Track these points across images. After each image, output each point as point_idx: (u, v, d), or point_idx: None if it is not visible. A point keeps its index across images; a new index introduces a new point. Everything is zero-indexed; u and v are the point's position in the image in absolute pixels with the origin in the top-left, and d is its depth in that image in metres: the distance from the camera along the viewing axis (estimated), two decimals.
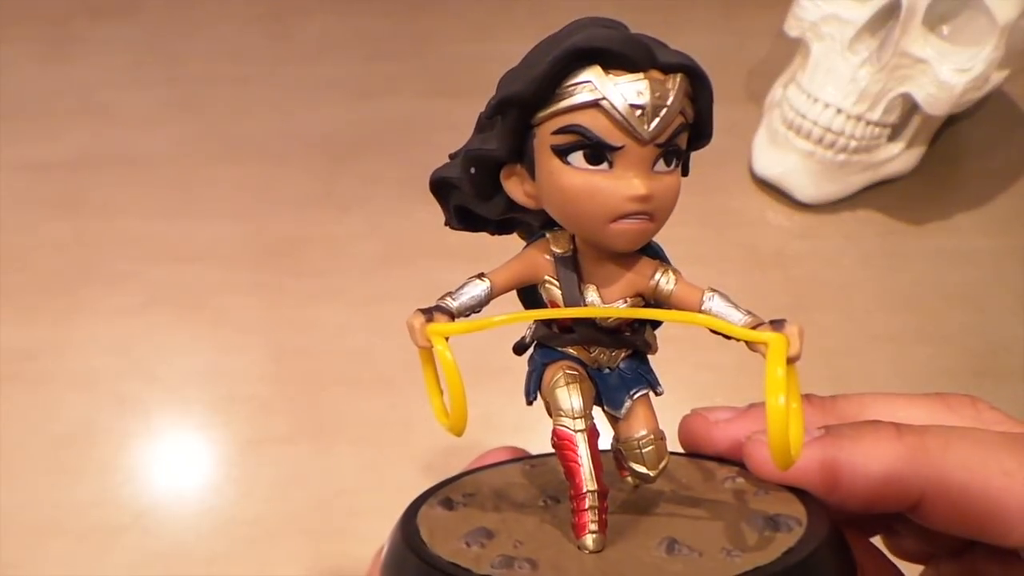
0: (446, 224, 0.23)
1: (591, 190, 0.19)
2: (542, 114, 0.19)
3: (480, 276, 0.21)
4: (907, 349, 0.48)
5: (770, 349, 0.18)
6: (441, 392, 0.21)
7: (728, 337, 0.19)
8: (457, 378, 0.19)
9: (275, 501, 0.43)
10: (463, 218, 0.23)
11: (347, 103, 0.62)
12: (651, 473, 0.21)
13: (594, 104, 0.18)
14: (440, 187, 0.22)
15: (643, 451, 0.21)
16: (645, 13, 0.64)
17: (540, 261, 0.21)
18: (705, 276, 0.21)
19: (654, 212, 0.19)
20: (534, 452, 0.26)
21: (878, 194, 0.54)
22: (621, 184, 0.19)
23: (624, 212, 0.19)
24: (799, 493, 0.21)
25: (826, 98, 0.50)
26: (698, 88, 0.19)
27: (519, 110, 0.19)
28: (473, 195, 0.21)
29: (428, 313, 0.20)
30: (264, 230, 0.54)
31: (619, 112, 0.18)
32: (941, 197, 0.55)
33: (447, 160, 0.22)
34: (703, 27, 0.66)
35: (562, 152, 0.19)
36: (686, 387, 0.46)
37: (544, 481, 0.24)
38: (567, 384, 0.20)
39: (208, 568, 0.41)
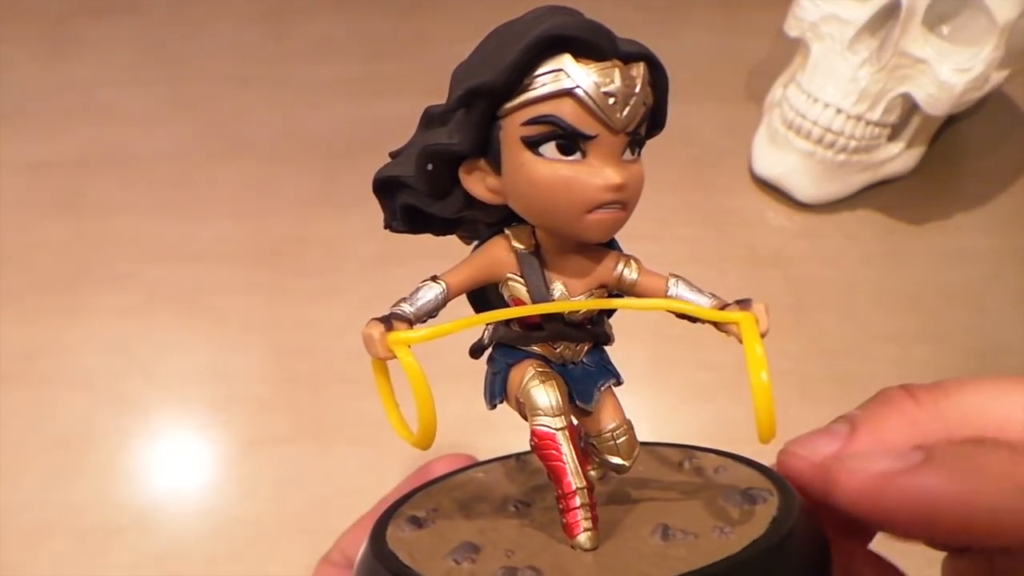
0: (386, 226, 0.22)
1: (566, 181, 0.18)
2: (510, 105, 0.18)
3: (434, 279, 0.20)
4: (908, 349, 0.48)
5: (744, 328, 0.19)
6: (397, 404, 0.20)
7: (695, 320, 0.20)
8: (425, 389, 0.18)
9: (275, 501, 0.43)
10: (410, 219, 0.22)
11: (347, 103, 0.62)
12: (627, 463, 0.21)
13: (568, 93, 0.18)
14: (385, 187, 0.21)
15: (617, 442, 0.21)
16: (645, 12, 0.64)
17: (502, 259, 0.21)
18: (705, 276, 0.21)
19: (627, 201, 0.19)
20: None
21: (878, 194, 0.54)
22: (596, 174, 0.18)
23: (600, 202, 0.19)
24: (752, 464, 0.22)
25: (826, 98, 0.50)
26: (656, 77, 0.19)
27: (487, 101, 0.18)
28: (427, 193, 0.20)
29: (386, 322, 0.19)
30: (264, 230, 0.54)
31: (593, 100, 0.18)
32: (941, 197, 0.55)
33: (388, 159, 0.21)
34: (703, 27, 0.66)
35: (533, 143, 0.18)
36: (687, 387, 0.46)
37: (505, 486, 0.24)
38: (542, 382, 0.20)
39: (208, 568, 0.41)
